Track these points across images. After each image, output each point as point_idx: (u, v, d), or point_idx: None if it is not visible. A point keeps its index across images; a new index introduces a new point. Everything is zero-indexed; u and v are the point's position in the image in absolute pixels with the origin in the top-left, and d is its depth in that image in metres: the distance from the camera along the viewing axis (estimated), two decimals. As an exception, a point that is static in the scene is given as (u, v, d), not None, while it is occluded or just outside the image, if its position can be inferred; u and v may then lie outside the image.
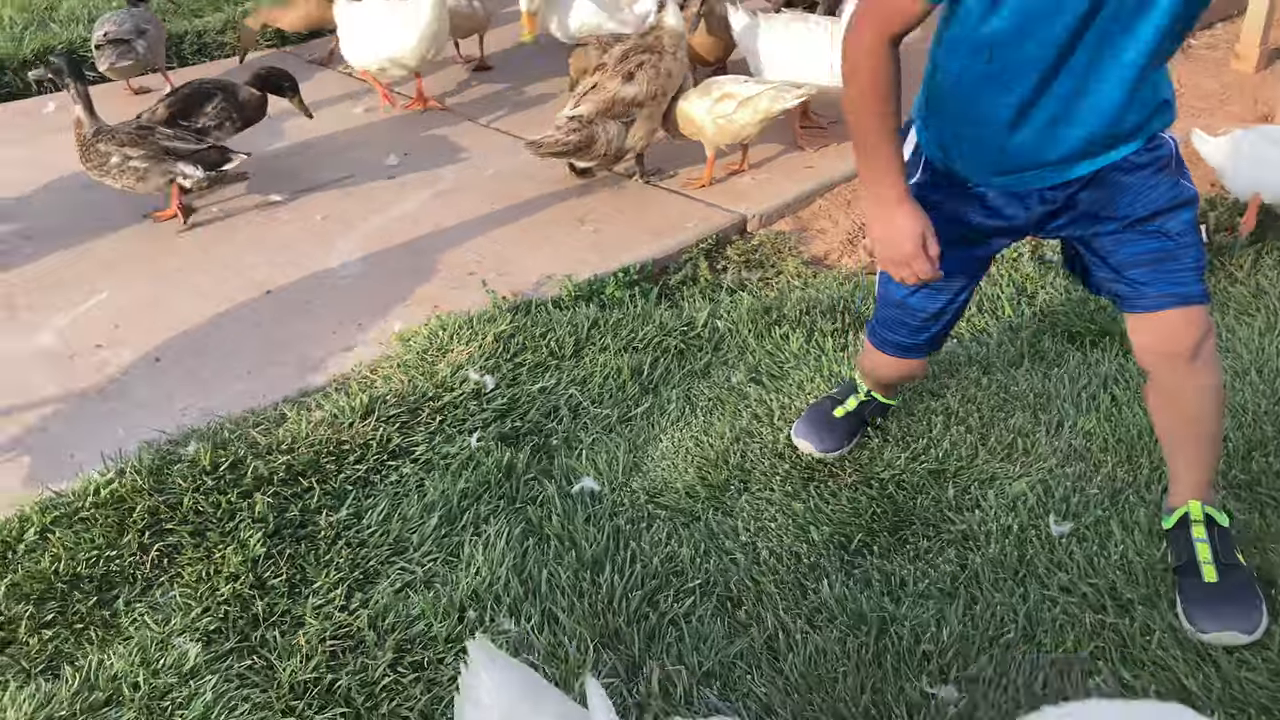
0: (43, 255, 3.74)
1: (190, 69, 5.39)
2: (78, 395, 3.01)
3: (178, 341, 3.23)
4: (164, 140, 3.75)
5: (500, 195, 4.03)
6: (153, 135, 3.75)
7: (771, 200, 3.95)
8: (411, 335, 3.15)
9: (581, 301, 3.33)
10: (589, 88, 3.84)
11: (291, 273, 3.57)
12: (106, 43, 4.63)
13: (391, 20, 4.40)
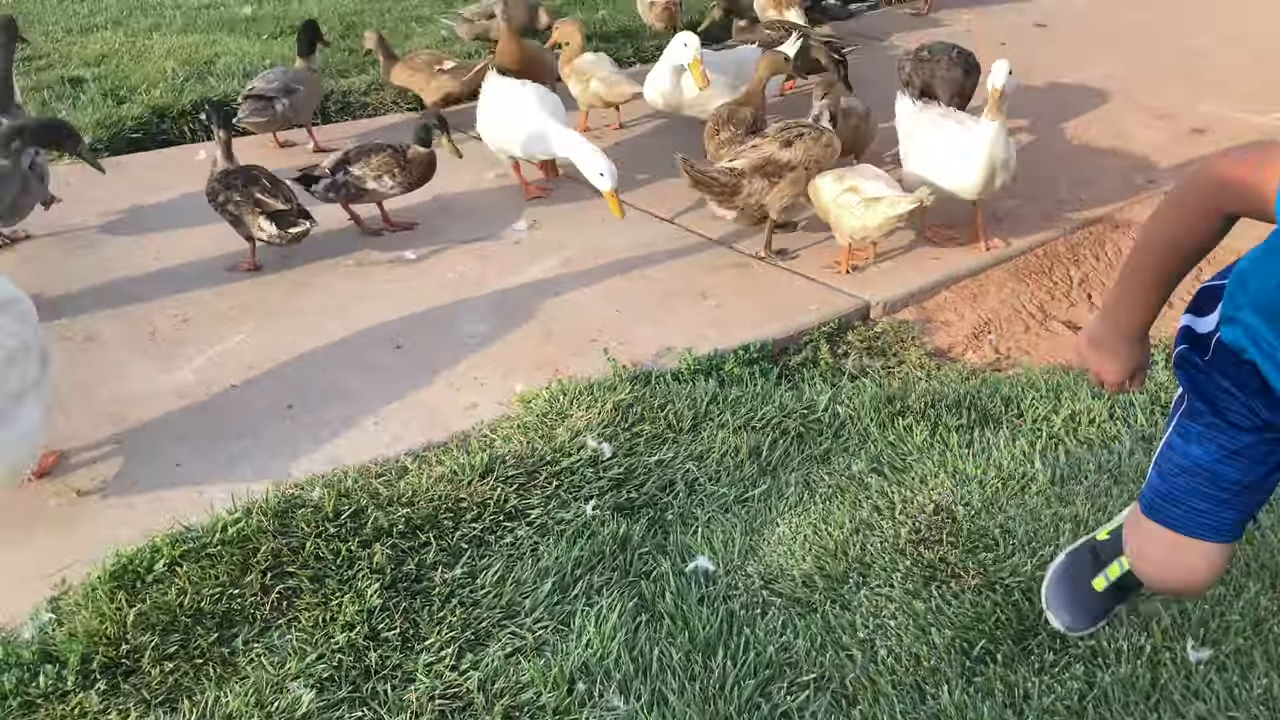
0: (187, 293, 3.91)
1: (333, 125, 5.62)
2: (211, 433, 3.11)
3: (309, 388, 3.32)
4: (258, 193, 3.91)
5: (625, 266, 4.08)
6: (253, 186, 3.92)
7: (896, 288, 3.92)
8: (533, 397, 3.19)
9: (701, 376, 3.34)
10: (749, 147, 4.00)
11: (421, 329, 3.66)
12: (248, 98, 4.87)
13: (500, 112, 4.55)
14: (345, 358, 3.49)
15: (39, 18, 7.31)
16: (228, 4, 7.66)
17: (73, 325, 3.70)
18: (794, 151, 3.94)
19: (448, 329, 3.67)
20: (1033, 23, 7.00)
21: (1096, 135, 5.26)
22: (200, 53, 6.40)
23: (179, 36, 6.80)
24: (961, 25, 7.03)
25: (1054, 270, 4.10)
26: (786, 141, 3.96)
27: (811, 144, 3.97)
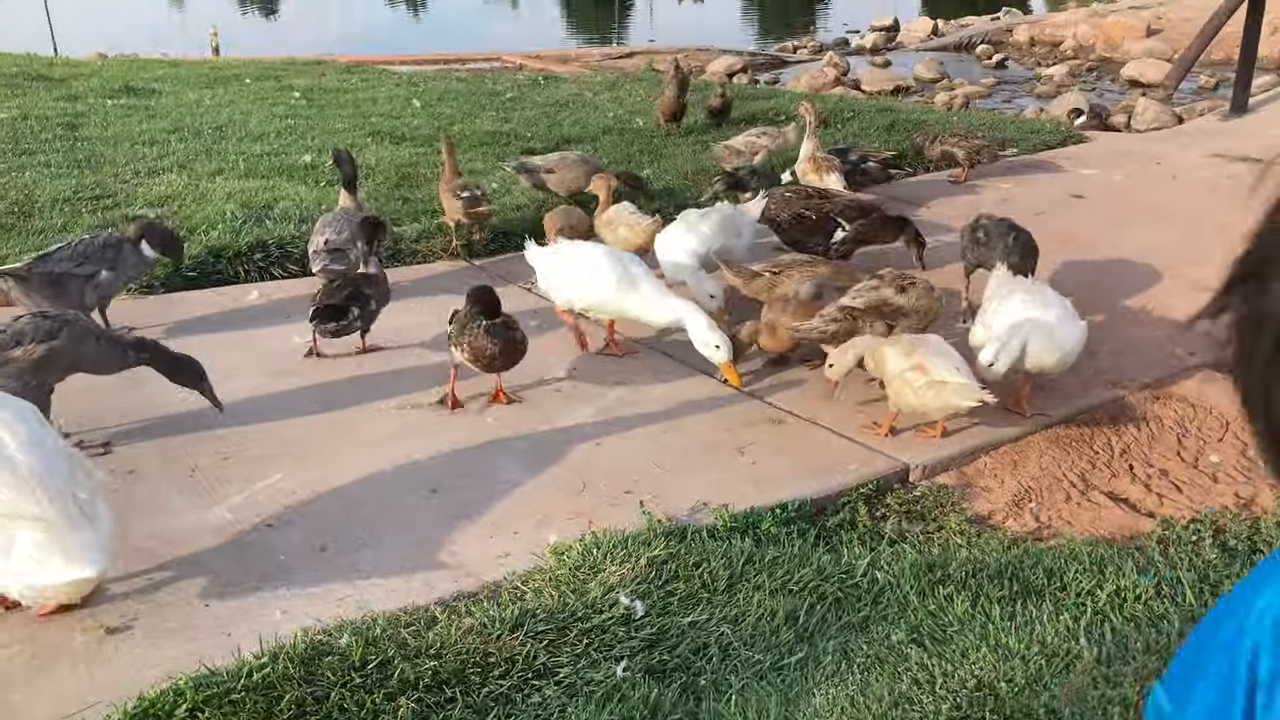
0: (230, 429, 3.95)
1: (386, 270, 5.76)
2: (243, 572, 3.09)
3: (343, 530, 3.32)
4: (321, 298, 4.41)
5: (662, 418, 4.10)
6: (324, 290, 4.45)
7: (935, 452, 3.90)
8: (566, 549, 3.16)
9: (737, 534, 3.30)
10: (861, 289, 4.16)
11: (457, 473, 3.67)
12: (325, 250, 5.01)
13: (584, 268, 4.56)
14: (381, 500, 3.49)
15: (110, 159, 7.65)
16: (288, 151, 7.99)
17: (116, 459, 3.75)
18: (909, 297, 4.12)
19: (484, 475, 3.67)
20: (1070, 194, 7.13)
21: (1137, 306, 5.28)
22: (259, 197, 6.64)
23: (240, 181, 7.07)
24: (999, 194, 7.17)
25: (1095, 440, 4.06)
26: (900, 287, 4.14)
27: (924, 293, 4.16)
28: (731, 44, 19.25)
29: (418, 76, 12.51)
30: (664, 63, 16.03)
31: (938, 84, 13.94)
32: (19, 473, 2.72)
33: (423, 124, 9.16)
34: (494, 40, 21.33)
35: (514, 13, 30.38)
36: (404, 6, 32.61)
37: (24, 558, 2.71)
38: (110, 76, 11.60)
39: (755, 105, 10.05)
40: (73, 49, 17.55)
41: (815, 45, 18.66)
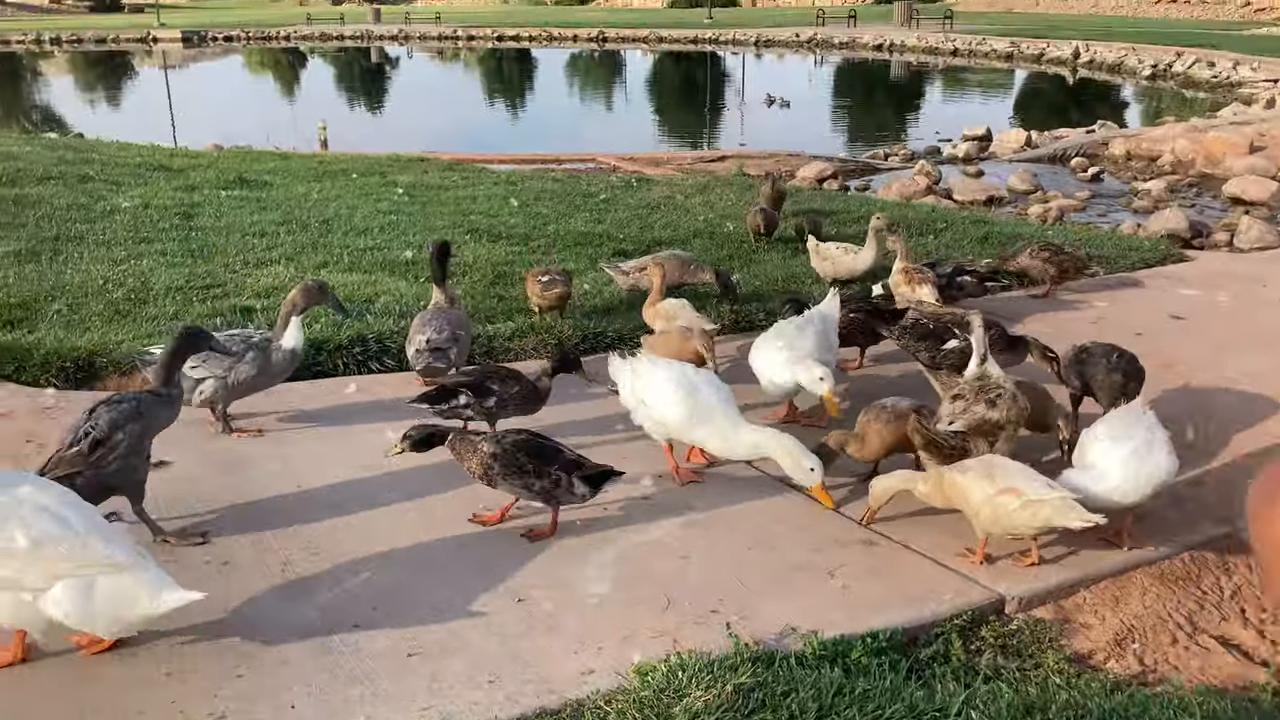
0: (321, 524, 4.01)
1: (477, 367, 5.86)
2: (329, 675, 3.11)
3: (429, 635, 3.32)
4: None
5: (750, 534, 4.05)
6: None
7: (1032, 583, 3.77)
8: (650, 669, 3.11)
9: (826, 662, 3.22)
10: (955, 412, 4.16)
11: (542, 582, 3.66)
12: (427, 349, 5.12)
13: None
14: (466, 605, 3.49)
15: (222, 249, 7.98)
16: (391, 246, 8.24)
17: (212, 549, 3.82)
18: (1001, 411, 4.12)
19: (569, 585, 3.66)
20: (1169, 314, 6.98)
21: (1244, 436, 5.09)
22: (362, 291, 6.84)
23: (344, 274, 7.30)
24: (1094, 312, 7.05)
25: (1203, 579, 3.89)
26: (990, 401, 4.13)
27: (1012, 403, 4.15)
28: (822, 149, 19.48)
29: (515, 175, 12.89)
30: (755, 167, 16.27)
31: (1031, 195, 13.88)
32: (74, 527, 3.02)
33: (519, 223, 9.40)
34: (589, 142, 21.92)
35: (609, 115, 31.23)
36: (503, 106, 33.78)
37: (108, 598, 2.99)
38: (225, 168, 12.18)
39: (844, 212, 10.09)
40: (191, 140, 18.50)
41: (907, 153, 18.76)
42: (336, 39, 59.38)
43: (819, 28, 51.30)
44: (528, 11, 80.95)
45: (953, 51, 42.82)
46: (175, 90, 37.47)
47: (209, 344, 4.30)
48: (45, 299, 6.55)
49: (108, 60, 52.23)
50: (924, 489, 4.00)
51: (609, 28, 56.66)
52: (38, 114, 32.77)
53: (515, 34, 56.93)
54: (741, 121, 27.99)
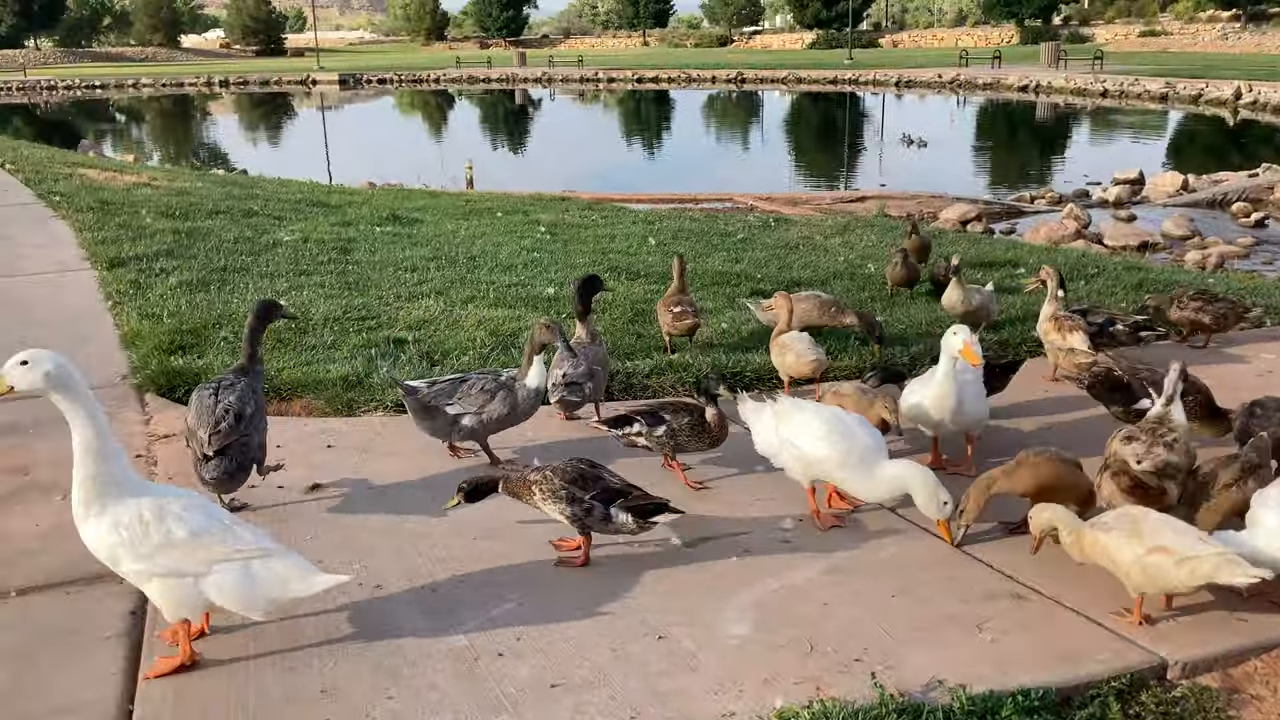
0: (468, 552, 4.11)
1: (616, 403, 5.93)
2: (474, 701, 3.17)
3: (570, 667, 3.36)
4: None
5: (893, 582, 3.96)
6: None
7: (1197, 647, 3.57)
8: (793, 716, 3.07)
9: (974, 718, 3.11)
10: (1141, 454, 4.15)
11: (682, 620, 3.66)
12: (563, 384, 5.22)
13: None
14: (607, 642, 3.52)
15: (376, 283, 8.32)
16: (534, 283, 8.45)
17: (365, 572, 3.96)
18: (1177, 455, 4.13)
19: (709, 625, 3.64)
20: (1346, 368, 6.57)
21: None
22: (506, 325, 7.03)
23: (489, 309, 7.51)
24: (1261, 364, 6.69)
25: (1390, 653, 3.62)
26: (1168, 444, 4.13)
27: (1185, 444, 4.18)
28: (965, 191, 19.12)
29: (653, 215, 13.07)
30: (897, 208, 16.07)
31: (1188, 241, 13.32)
32: (222, 521, 3.40)
33: (657, 261, 9.50)
34: (726, 181, 22.05)
35: (746, 155, 31.35)
36: (641, 147, 34.27)
37: (263, 582, 3.33)
38: (378, 205, 12.71)
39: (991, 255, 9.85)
40: (346, 177, 19.37)
41: (1054, 196, 18.26)
42: (483, 81, 61.42)
43: (962, 68, 50.49)
44: (667, 54, 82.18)
45: (1102, 93, 41.56)
46: (331, 130, 39.33)
47: (280, 314, 4.86)
48: (213, 326, 6.94)
49: (270, 101, 55.24)
50: (1066, 539, 3.85)
51: (747, 69, 56.99)
52: (206, 151, 34.84)
53: (654, 75, 57.83)
54: (881, 162, 27.73)
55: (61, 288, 8.23)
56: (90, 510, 3.28)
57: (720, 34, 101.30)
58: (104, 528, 3.26)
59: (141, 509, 3.28)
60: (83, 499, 3.28)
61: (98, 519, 3.27)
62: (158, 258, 9.00)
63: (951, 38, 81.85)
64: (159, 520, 3.27)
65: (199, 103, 55.37)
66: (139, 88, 61.02)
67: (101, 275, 8.47)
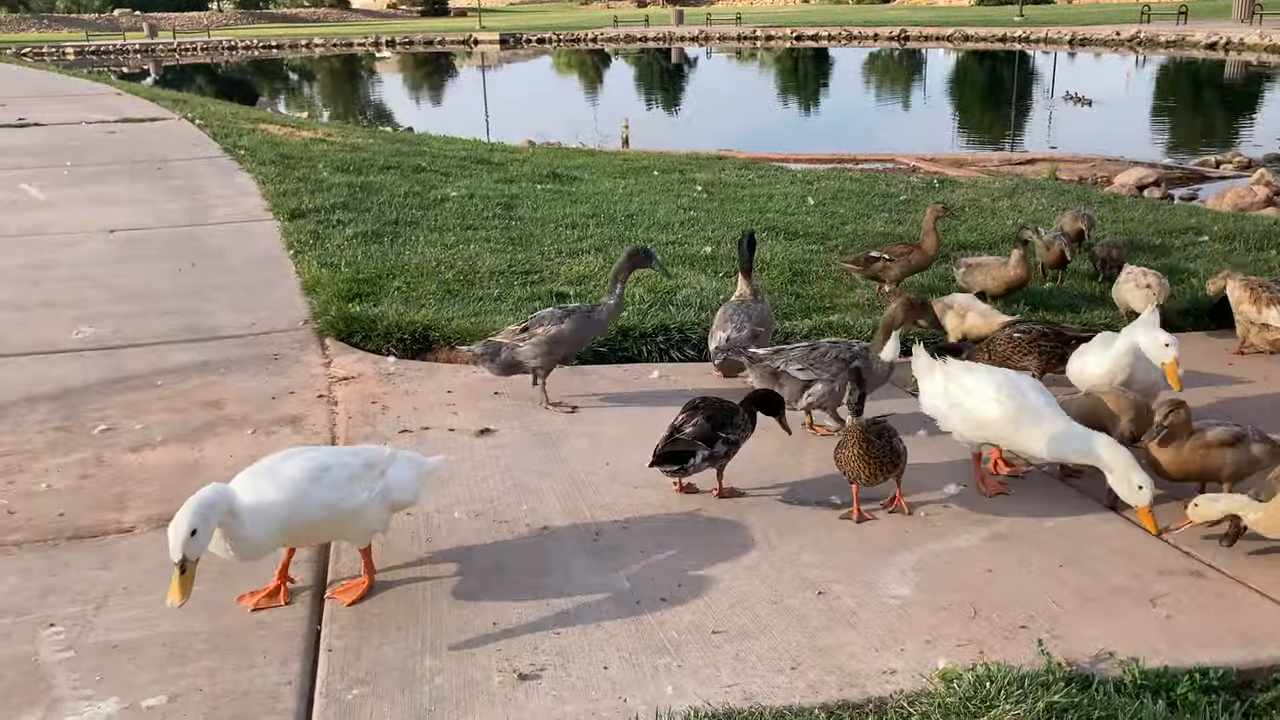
0: (629, 500, 4.21)
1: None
2: (638, 643, 3.26)
3: (731, 617, 3.41)
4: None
5: (1061, 552, 3.87)
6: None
7: (1395, 638, 3.37)
8: (956, 676, 3.05)
9: (1147, 693, 3.03)
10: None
11: (842, 579, 3.67)
12: (727, 346, 5.25)
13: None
14: (768, 595, 3.56)
15: (538, 239, 8.50)
16: (690, 242, 8.47)
17: (532, 517, 4.10)
18: None
19: (870, 585, 3.64)
20: None
21: None
22: (665, 283, 7.08)
23: (648, 266, 7.58)
24: None
25: None
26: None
27: None
28: (1143, 154, 18.16)
29: (811, 175, 12.88)
30: (1068, 171, 15.40)
31: (1396, 211, 12.31)
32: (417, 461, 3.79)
33: (816, 222, 9.39)
34: (887, 142, 21.53)
35: (908, 115, 30.51)
36: (799, 106, 33.75)
37: (408, 471, 3.70)
38: (539, 163, 12.93)
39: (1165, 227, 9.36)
40: (507, 135, 19.76)
41: (1242, 160, 17.15)
42: (640, 40, 61.46)
43: (1143, 25, 47.70)
44: (827, 11, 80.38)
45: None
46: (492, 88, 40.12)
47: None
48: (387, 276, 7.23)
49: (434, 60, 56.67)
50: (1255, 517, 3.68)
51: (911, 25, 55.24)
52: (373, 110, 36.04)
53: (814, 34, 56.71)
54: (1050, 123, 26.54)
55: (248, 236, 8.72)
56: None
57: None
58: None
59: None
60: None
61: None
62: (334, 210, 9.42)
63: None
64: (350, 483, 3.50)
65: (365, 62, 57.27)
66: (311, 48, 63.52)
67: (283, 225, 8.93)
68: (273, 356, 5.86)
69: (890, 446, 4.05)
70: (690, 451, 4.13)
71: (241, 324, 6.40)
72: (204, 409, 5.19)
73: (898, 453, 4.08)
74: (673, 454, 4.13)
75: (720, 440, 4.18)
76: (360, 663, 3.19)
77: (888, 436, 4.07)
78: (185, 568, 2.99)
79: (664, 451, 4.13)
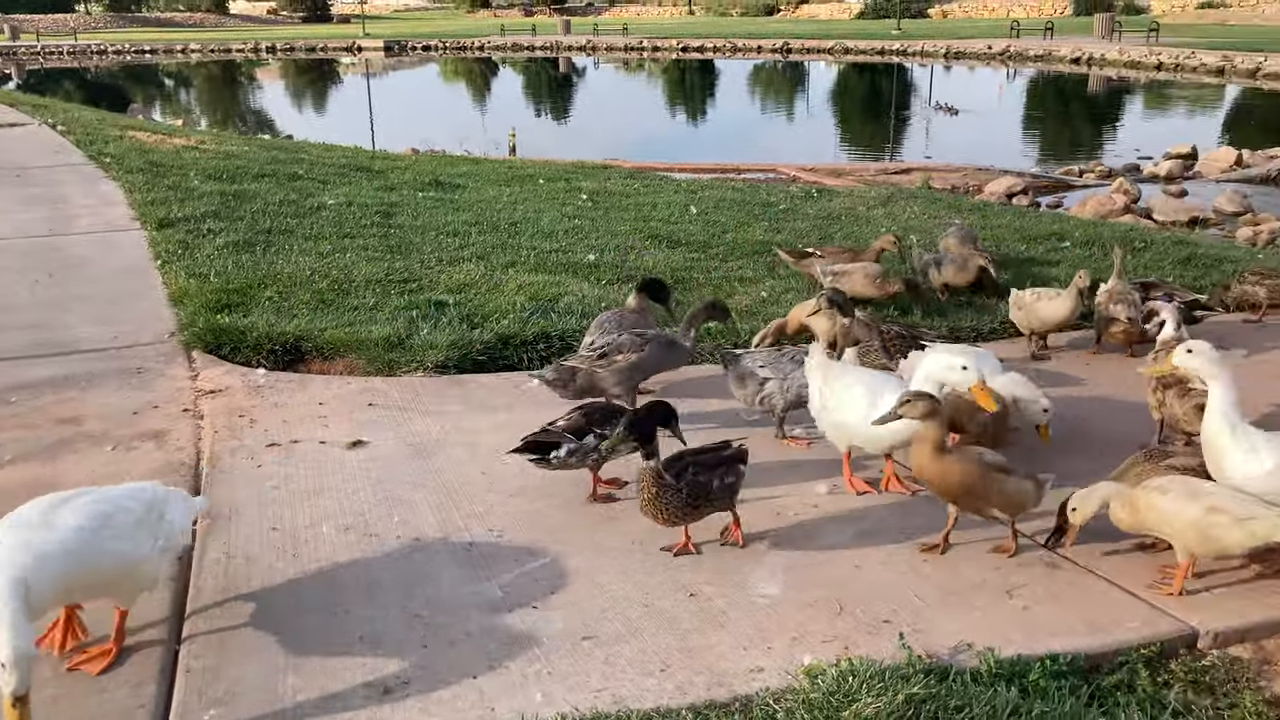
0: (505, 509, 4.18)
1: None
2: (508, 651, 3.24)
3: (604, 622, 3.42)
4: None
5: (925, 547, 3.98)
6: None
7: (1229, 619, 3.56)
8: (820, 672, 3.11)
9: (1002, 681, 3.14)
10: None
11: (713, 580, 3.71)
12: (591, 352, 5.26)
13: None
14: (640, 598, 3.57)
15: (418, 247, 8.39)
16: (575, 250, 8.48)
17: (403, 529, 4.04)
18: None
19: (740, 585, 3.69)
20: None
21: None
22: (546, 290, 7.07)
23: (530, 274, 7.56)
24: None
25: None
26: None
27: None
28: (1012, 164, 18.86)
29: (695, 184, 13.03)
30: (941, 180, 15.90)
31: (1240, 218, 13.07)
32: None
33: (698, 230, 9.50)
34: (769, 152, 21.92)
35: (790, 126, 31.09)
36: (685, 116, 34.11)
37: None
38: (421, 171, 12.79)
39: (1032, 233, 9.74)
40: (391, 143, 19.48)
41: (1103, 170, 17.96)
42: (527, 49, 61.29)
43: (1013, 40, 49.60)
44: (712, 23, 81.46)
45: (1157, 66, 40.67)
46: (376, 96, 39.52)
47: (726, 317, 5.42)
48: (259, 286, 7.05)
49: (316, 68, 55.56)
50: (1118, 508, 3.83)
51: (794, 38, 56.37)
52: (252, 117, 35.14)
53: (700, 45, 57.36)
54: (927, 134, 27.38)
55: (113, 246, 8.40)
56: None
57: (767, 2, 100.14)
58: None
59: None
60: None
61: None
62: (205, 219, 9.14)
63: (1003, 8, 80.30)
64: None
65: (245, 68, 55.81)
66: (187, 54, 61.57)
67: (151, 235, 8.63)
68: (136, 370, 5.65)
69: (696, 488, 3.72)
70: (555, 443, 4.12)
71: (103, 337, 6.15)
72: (60, 425, 4.97)
73: (704, 493, 3.76)
74: (536, 444, 4.13)
75: (593, 435, 4.18)
76: (219, 683, 3.10)
77: (693, 475, 3.75)
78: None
79: (528, 440, 4.11)
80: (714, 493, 3.80)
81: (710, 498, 3.79)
